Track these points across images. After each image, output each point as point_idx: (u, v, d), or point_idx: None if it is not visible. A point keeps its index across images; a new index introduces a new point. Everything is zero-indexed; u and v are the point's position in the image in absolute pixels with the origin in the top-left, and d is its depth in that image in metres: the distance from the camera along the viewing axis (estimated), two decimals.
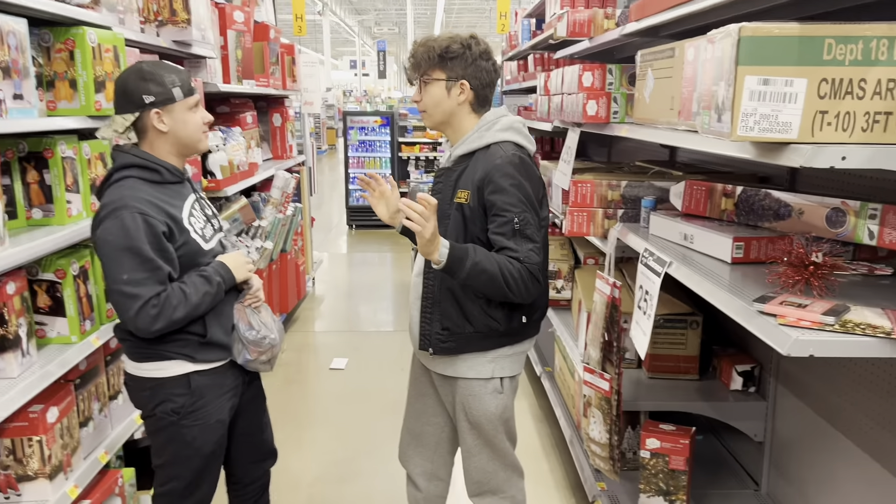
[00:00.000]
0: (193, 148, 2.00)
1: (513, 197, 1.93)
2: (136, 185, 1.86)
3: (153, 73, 1.88)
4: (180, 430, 1.96)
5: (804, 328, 1.40)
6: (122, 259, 1.79)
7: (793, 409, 2.49)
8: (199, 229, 2.00)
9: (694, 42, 1.76)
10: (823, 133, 1.33)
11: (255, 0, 4.81)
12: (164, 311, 1.82)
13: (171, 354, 1.94)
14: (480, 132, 2.05)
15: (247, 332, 2.04)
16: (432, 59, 2.03)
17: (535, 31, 4.78)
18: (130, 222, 1.79)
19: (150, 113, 1.88)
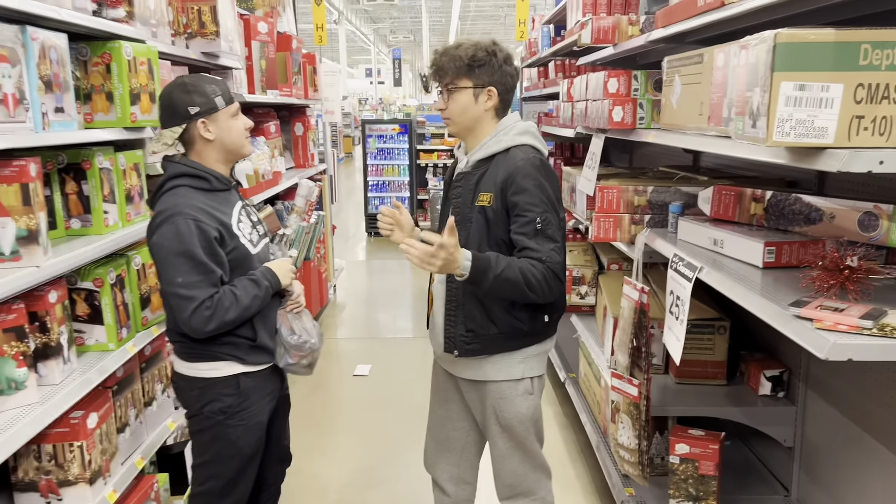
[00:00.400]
0: (238, 153, 2.10)
1: (535, 197, 1.96)
2: (187, 193, 1.96)
3: (195, 84, 1.99)
4: (225, 429, 2.05)
5: (841, 332, 1.40)
6: (177, 263, 1.89)
7: (823, 414, 2.48)
8: (247, 234, 2.09)
9: (724, 48, 1.77)
10: (860, 138, 1.34)
11: (277, 11, 4.87)
12: (216, 313, 1.91)
13: (222, 356, 2.03)
14: (499, 137, 2.07)
15: (289, 337, 2.13)
16: (459, 68, 2.04)
17: (554, 38, 4.80)
18: (184, 228, 1.88)
19: (197, 123, 1.98)
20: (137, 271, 2.36)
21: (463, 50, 2.03)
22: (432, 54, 2.11)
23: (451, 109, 2.08)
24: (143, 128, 2.40)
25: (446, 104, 2.09)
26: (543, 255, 1.93)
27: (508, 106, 2.14)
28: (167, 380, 2.67)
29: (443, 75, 2.07)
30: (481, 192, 2.03)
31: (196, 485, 2.14)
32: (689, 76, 2.04)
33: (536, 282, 1.91)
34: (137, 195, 2.42)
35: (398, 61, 24.97)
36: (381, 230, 2.20)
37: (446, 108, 2.09)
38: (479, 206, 2.03)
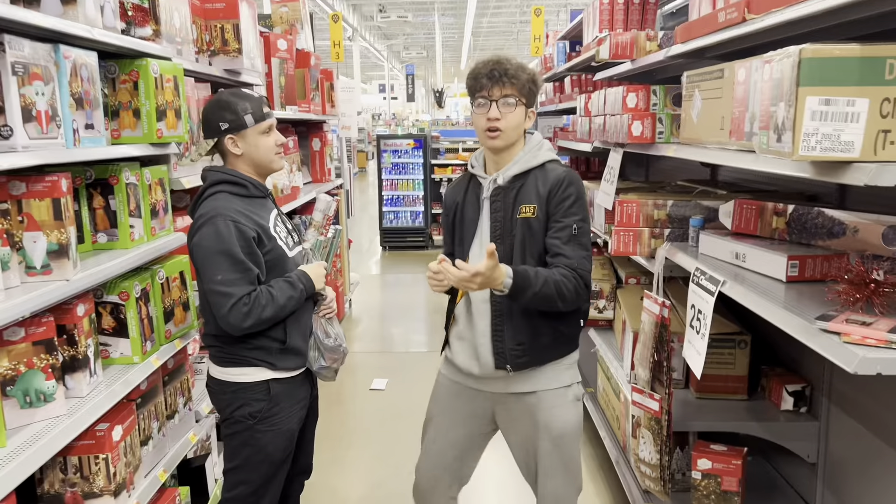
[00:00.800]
0: (267, 168, 2.21)
1: (575, 207, 2.05)
2: (227, 198, 2.08)
3: (228, 102, 2.11)
4: (255, 434, 2.12)
5: (869, 346, 1.39)
6: (216, 261, 1.99)
7: (847, 430, 2.45)
8: (284, 238, 2.21)
9: (745, 63, 1.78)
10: (886, 152, 1.34)
11: (296, 28, 4.94)
12: (253, 310, 2.00)
13: (254, 361, 2.12)
14: (532, 153, 2.13)
15: (325, 340, 2.26)
16: (525, 86, 2.06)
17: (570, 54, 4.83)
18: (224, 228, 2.00)
19: (226, 138, 2.12)
20: (161, 285, 2.39)
21: (529, 71, 2.08)
22: (491, 63, 2.05)
23: (508, 121, 2.05)
24: (168, 143, 2.44)
25: (503, 115, 2.04)
26: (575, 262, 2.01)
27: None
28: (189, 393, 2.69)
29: (506, 85, 2.04)
30: (522, 205, 2.07)
31: (226, 490, 2.19)
32: (710, 91, 2.05)
33: (569, 293, 1.99)
34: (162, 210, 2.45)
35: (411, 77, 25.13)
36: (433, 288, 2.09)
37: (503, 118, 2.04)
38: (521, 219, 2.07)
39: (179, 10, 2.62)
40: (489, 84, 2.04)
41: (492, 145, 2.09)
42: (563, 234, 2.03)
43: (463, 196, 2.22)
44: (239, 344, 2.10)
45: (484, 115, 2.05)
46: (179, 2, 2.62)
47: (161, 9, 2.45)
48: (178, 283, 2.51)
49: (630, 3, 3.45)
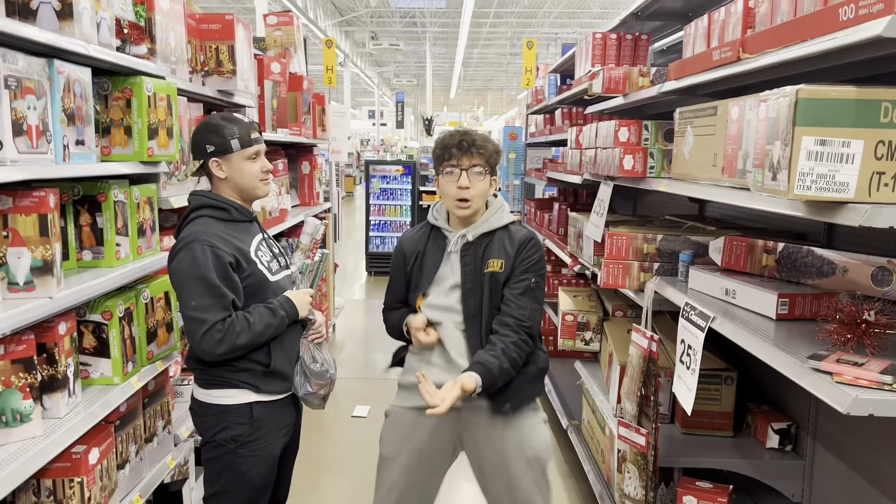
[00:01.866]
0: (251, 194, 2.20)
1: (538, 265, 2.21)
2: (208, 222, 2.08)
3: (217, 125, 2.11)
4: (236, 458, 2.09)
5: (862, 387, 1.39)
6: (191, 286, 1.99)
7: (831, 469, 2.45)
8: (266, 262, 2.18)
9: (738, 101, 1.81)
10: (880, 193, 1.36)
11: (290, 52, 4.96)
12: (227, 336, 1.98)
13: (237, 383, 2.09)
14: (499, 214, 2.26)
15: (312, 365, 2.21)
16: (490, 156, 2.20)
17: (561, 87, 4.88)
18: (200, 254, 1.99)
19: (211, 161, 2.12)
20: (146, 305, 2.35)
21: (492, 140, 2.24)
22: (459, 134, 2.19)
23: (476, 190, 2.17)
24: (158, 162, 2.42)
25: (472, 185, 2.15)
26: (526, 314, 2.15)
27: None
28: (168, 416, 2.63)
29: (474, 155, 2.16)
30: (490, 259, 2.19)
31: None
32: (703, 128, 2.08)
33: (521, 358, 2.14)
34: (150, 228, 2.42)
35: (401, 104, 25.31)
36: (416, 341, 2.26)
37: (472, 188, 2.15)
38: (488, 273, 2.19)
39: (175, 29, 2.61)
40: (458, 154, 2.15)
41: (461, 215, 2.21)
42: (520, 285, 2.17)
43: (424, 246, 2.30)
44: (222, 366, 2.07)
45: (454, 184, 2.15)
46: (175, 21, 2.62)
47: (157, 28, 2.44)
48: (162, 304, 2.47)
49: (622, 39, 3.49)
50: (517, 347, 2.11)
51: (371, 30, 22.56)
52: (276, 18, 5.13)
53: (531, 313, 2.16)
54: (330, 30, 19.62)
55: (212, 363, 2.06)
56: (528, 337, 2.15)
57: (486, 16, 21.28)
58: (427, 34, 23.94)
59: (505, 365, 2.07)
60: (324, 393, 2.26)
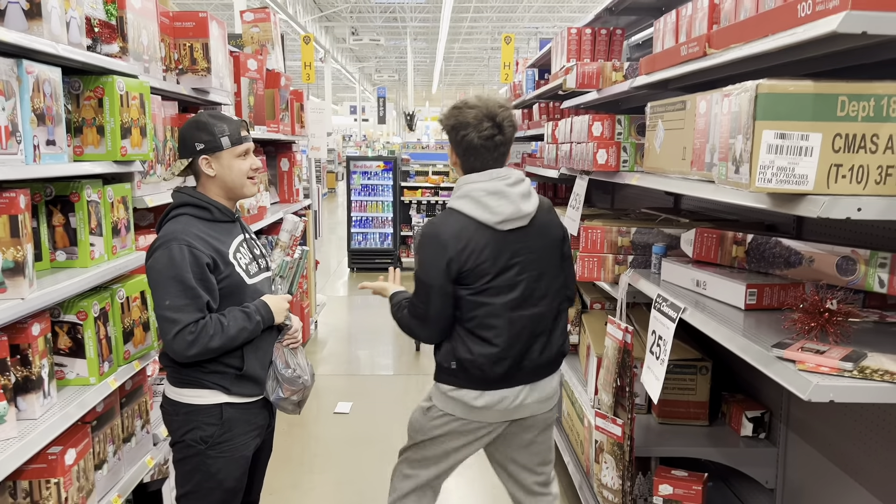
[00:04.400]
0: (239, 192, 2.18)
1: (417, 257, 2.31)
2: (188, 221, 2.06)
3: (206, 123, 2.10)
4: (206, 459, 2.07)
5: (823, 374, 1.43)
6: (167, 286, 1.97)
7: (804, 456, 2.49)
8: (245, 265, 2.16)
9: (706, 95, 1.83)
10: (838, 185, 1.39)
11: (266, 48, 4.94)
12: (199, 338, 1.97)
13: (208, 384, 2.07)
14: (451, 198, 2.28)
15: (284, 371, 2.17)
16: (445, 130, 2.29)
17: (539, 81, 4.90)
18: (177, 253, 1.97)
19: (200, 159, 2.09)
20: (122, 304, 2.35)
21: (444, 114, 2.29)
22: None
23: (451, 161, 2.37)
24: (132, 161, 2.41)
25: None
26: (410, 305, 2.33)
27: (472, 167, 2.25)
28: (147, 415, 2.63)
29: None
30: None
31: None
32: (673, 122, 2.10)
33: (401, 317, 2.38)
34: (124, 228, 2.42)
35: (382, 100, 25.24)
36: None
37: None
38: None
39: (148, 27, 2.60)
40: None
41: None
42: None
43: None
44: (195, 367, 2.05)
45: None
46: (148, 20, 2.61)
47: (129, 26, 2.43)
48: (138, 303, 2.47)
49: (597, 34, 3.52)
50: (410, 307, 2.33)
51: (351, 25, 22.46)
52: (253, 15, 5.11)
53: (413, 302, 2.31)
54: (310, 25, 19.52)
55: (184, 363, 2.04)
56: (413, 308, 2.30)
57: (467, 10, 21.28)
58: (408, 29, 23.90)
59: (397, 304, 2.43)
60: (297, 399, 2.22)
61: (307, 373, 2.25)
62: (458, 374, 2.25)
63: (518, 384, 2.26)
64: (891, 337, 1.72)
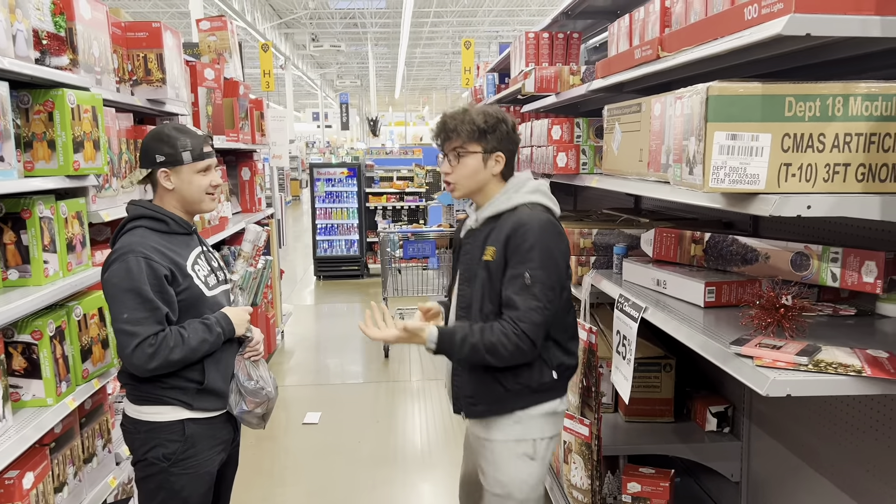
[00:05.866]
0: (196, 207, 2.16)
1: (531, 253, 1.94)
2: (144, 233, 2.03)
3: (169, 136, 2.08)
4: (169, 477, 2.03)
5: (780, 369, 1.46)
6: (124, 299, 1.93)
7: (767, 449, 2.54)
8: (203, 277, 2.13)
9: (660, 98, 1.86)
10: (789, 184, 1.42)
11: (224, 57, 4.88)
12: (160, 351, 1.93)
13: (168, 399, 2.03)
14: (508, 194, 2.06)
15: (246, 383, 2.14)
16: (472, 133, 2.02)
17: (499, 86, 4.93)
18: (134, 265, 1.94)
19: (159, 171, 2.07)
20: (79, 322, 2.29)
21: (474, 115, 2.03)
22: (440, 117, 2.10)
23: (458, 173, 2.06)
24: (86, 176, 2.36)
25: (453, 168, 2.07)
26: (522, 314, 1.91)
27: (513, 169, 2.14)
28: (108, 434, 2.57)
29: (452, 139, 2.05)
30: (488, 246, 2.03)
31: None
32: (629, 124, 2.13)
33: (506, 352, 1.92)
34: (80, 244, 2.36)
35: (345, 105, 25.14)
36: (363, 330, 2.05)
37: (452, 172, 2.07)
38: (484, 261, 2.03)
39: (99, 38, 2.55)
40: (439, 142, 2.10)
41: (454, 196, 2.13)
42: (515, 283, 1.94)
43: (458, 235, 2.25)
44: (153, 382, 2.01)
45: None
46: (99, 31, 2.56)
47: (79, 37, 2.38)
48: (96, 320, 2.42)
49: (554, 38, 3.55)
50: (503, 335, 1.91)
51: (311, 31, 22.34)
52: (210, 24, 5.05)
53: (525, 313, 1.91)
54: (269, 32, 19.36)
55: (143, 379, 2.00)
56: (524, 336, 1.91)
57: (427, 15, 21.31)
58: (368, 35, 23.85)
59: (473, 339, 1.91)
60: (261, 412, 2.19)
61: (270, 385, 2.22)
62: (560, 382, 2.10)
63: None
64: (844, 329, 1.76)
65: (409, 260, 6.38)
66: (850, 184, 1.43)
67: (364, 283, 9.10)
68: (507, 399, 2.05)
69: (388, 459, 3.98)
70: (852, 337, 1.69)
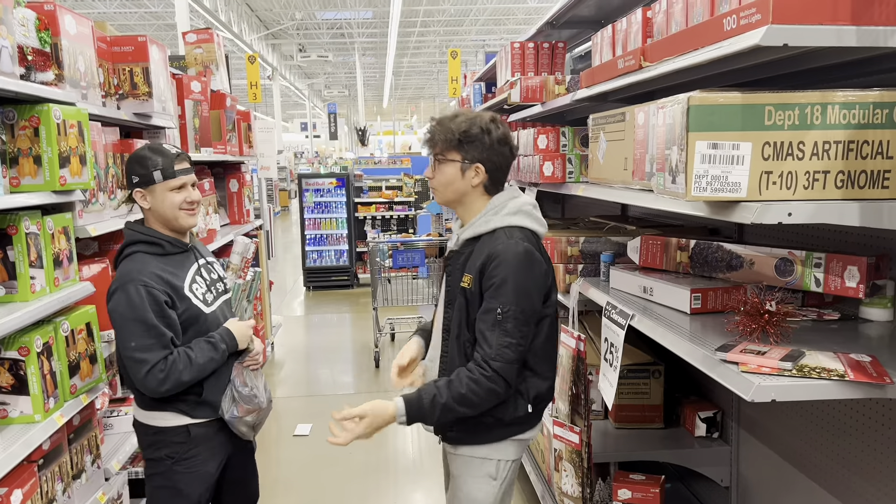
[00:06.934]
0: (174, 224, 2.22)
1: (504, 288, 1.87)
2: (143, 259, 2.14)
3: (142, 157, 2.17)
4: (173, 475, 2.20)
5: (765, 374, 1.47)
6: (130, 328, 2.05)
7: (756, 453, 2.56)
8: (201, 295, 2.24)
9: (643, 107, 1.88)
10: (770, 191, 1.44)
11: (210, 70, 4.88)
12: (171, 374, 2.06)
13: (170, 408, 2.19)
14: (488, 216, 1.99)
15: (241, 388, 2.24)
16: (450, 140, 1.97)
17: (486, 95, 4.96)
18: (135, 295, 2.05)
19: (135, 191, 2.18)
20: (66, 337, 2.28)
21: (457, 123, 1.98)
22: (429, 122, 2.07)
23: (437, 179, 2.03)
24: (72, 191, 2.35)
25: (433, 174, 2.04)
26: (493, 353, 1.85)
27: (500, 184, 2.06)
28: (97, 450, 2.56)
29: (433, 144, 2.03)
30: (466, 273, 1.97)
31: None
32: (613, 133, 2.15)
33: (479, 399, 1.86)
34: (66, 259, 2.36)
35: (333, 115, 25.14)
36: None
37: (433, 177, 2.04)
38: (461, 288, 1.98)
39: (84, 53, 2.55)
40: (424, 143, 2.08)
41: (436, 201, 2.10)
42: (488, 317, 1.87)
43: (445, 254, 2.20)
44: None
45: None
46: (84, 45, 2.56)
47: (64, 52, 2.38)
48: (84, 335, 2.41)
49: (540, 48, 3.58)
50: (471, 382, 1.83)
51: (298, 42, 22.38)
52: (196, 36, 5.05)
53: (498, 351, 1.84)
54: (256, 44, 19.37)
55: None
56: (496, 376, 1.83)
57: (414, 25, 21.39)
58: (356, 45, 23.90)
59: (442, 399, 1.82)
60: (251, 420, 2.26)
61: (263, 396, 2.31)
62: (533, 416, 2.04)
63: None
64: (828, 334, 1.78)
65: (399, 269, 6.38)
66: (829, 191, 1.45)
67: (354, 293, 9.10)
68: (478, 431, 2.00)
69: (379, 470, 3.97)
70: (836, 341, 1.71)
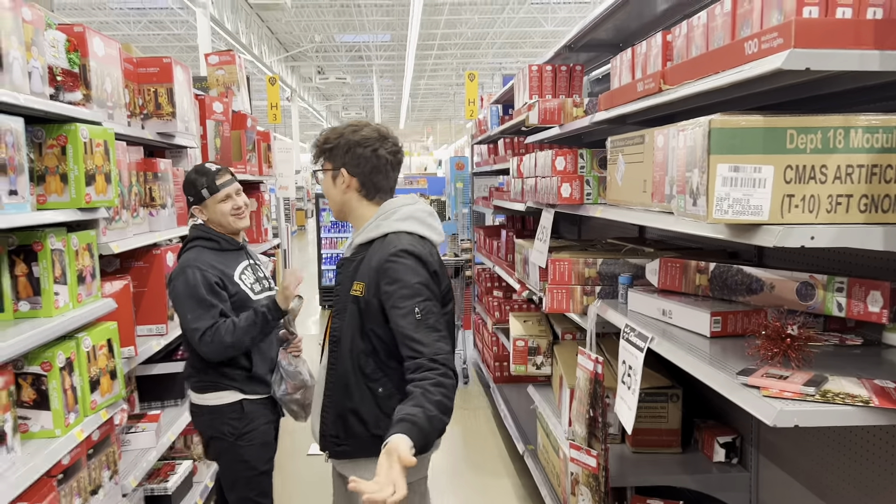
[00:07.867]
0: (228, 227, 2.67)
1: (410, 288, 1.85)
2: (200, 251, 2.60)
3: (191, 180, 2.64)
4: (238, 450, 2.58)
5: (787, 399, 1.46)
6: (186, 304, 2.48)
7: (776, 479, 2.52)
8: (249, 284, 2.67)
9: (663, 130, 1.89)
10: (792, 215, 1.44)
11: (232, 91, 4.96)
12: (216, 338, 2.45)
13: (225, 386, 2.58)
14: (378, 221, 1.98)
15: (287, 366, 2.65)
16: (319, 151, 2.06)
17: (503, 117, 4.99)
18: (191, 276, 2.49)
19: (193, 209, 2.66)
20: (87, 353, 2.30)
21: (323, 134, 2.06)
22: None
23: (326, 192, 2.08)
24: (97, 208, 2.39)
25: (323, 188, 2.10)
26: (431, 350, 1.79)
27: (379, 189, 2.03)
28: (115, 465, 2.57)
29: (318, 159, 2.09)
30: (356, 281, 1.95)
31: None
32: (632, 155, 2.16)
33: (449, 399, 1.75)
34: (90, 275, 2.39)
35: None
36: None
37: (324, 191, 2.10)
38: (352, 296, 1.94)
39: (111, 74, 2.61)
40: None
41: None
42: (407, 320, 1.82)
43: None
44: (212, 372, 2.54)
45: None
46: (111, 66, 2.61)
47: (92, 74, 2.43)
48: (105, 351, 2.43)
49: (558, 70, 3.61)
50: (439, 387, 1.73)
51: (317, 64, 22.64)
52: (218, 58, 5.14)
53: (436, 347, 1.80)
54: (276, 65, 19.63)
55: (202, 370, 2.55)
56: (446, 369, 1.78)
57: (431, 48, 21.60)
58: (373, 67, 24.15)
59: (431, 411, 1.68)
60: (300, 398, 2.65)
61: (308, 374, 2.70)
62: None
63: None
64: (851, 360, 1.77)
65: None
66: (852, 215, 1.44)
67: None
68: (371, 445, 1.88)
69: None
70: (859, 367, 1.69)
